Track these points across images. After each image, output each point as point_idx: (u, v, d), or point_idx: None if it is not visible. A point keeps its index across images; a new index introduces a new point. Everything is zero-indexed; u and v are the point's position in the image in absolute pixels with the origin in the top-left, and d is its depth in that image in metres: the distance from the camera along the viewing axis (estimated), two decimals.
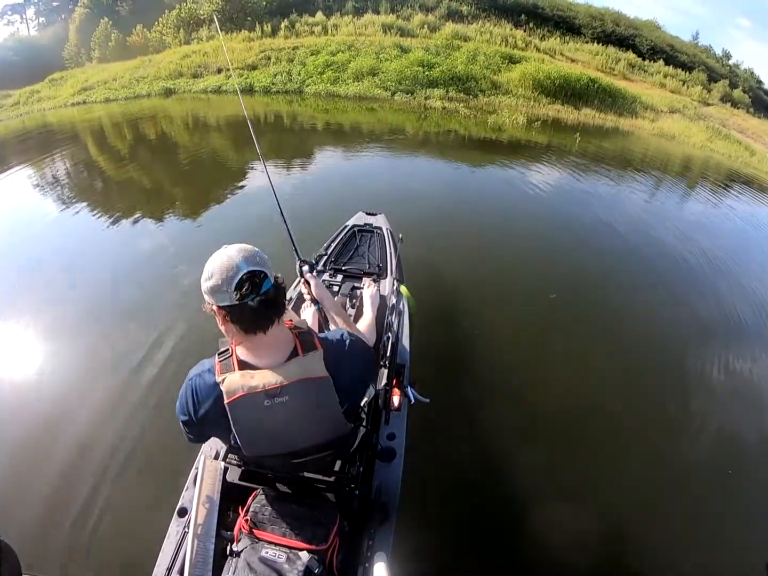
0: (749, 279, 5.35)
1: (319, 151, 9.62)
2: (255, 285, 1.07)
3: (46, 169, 8.84)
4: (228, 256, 1.08)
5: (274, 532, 1.24)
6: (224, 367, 1.16)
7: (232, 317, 1.09)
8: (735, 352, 3.90)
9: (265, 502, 1.31)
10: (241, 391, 1.12)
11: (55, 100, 20.12)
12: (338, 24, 21.26)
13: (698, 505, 2.63)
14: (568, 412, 3.11)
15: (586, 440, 2.94)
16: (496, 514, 2.42)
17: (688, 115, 18.96)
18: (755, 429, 3.18)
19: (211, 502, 1.42)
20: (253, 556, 1.17)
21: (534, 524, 2.36)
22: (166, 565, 1.43)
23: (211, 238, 5.19)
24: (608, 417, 3.15)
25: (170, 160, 9.38)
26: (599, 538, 2.33)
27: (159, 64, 20.08)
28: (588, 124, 15.11)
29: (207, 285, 1.08)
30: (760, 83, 30.04)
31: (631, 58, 23.42)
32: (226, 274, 1.05)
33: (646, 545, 2.37)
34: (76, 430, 2.73)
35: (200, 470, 1.47)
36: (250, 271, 1.06)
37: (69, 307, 3.98)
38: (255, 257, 1.10)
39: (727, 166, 13.18)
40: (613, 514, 2.50)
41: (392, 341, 2.21)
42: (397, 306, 2.60)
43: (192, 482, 1.60)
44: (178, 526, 1.53)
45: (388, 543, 1.49)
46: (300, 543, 1.21)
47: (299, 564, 1.15)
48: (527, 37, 22.44)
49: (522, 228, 5.99)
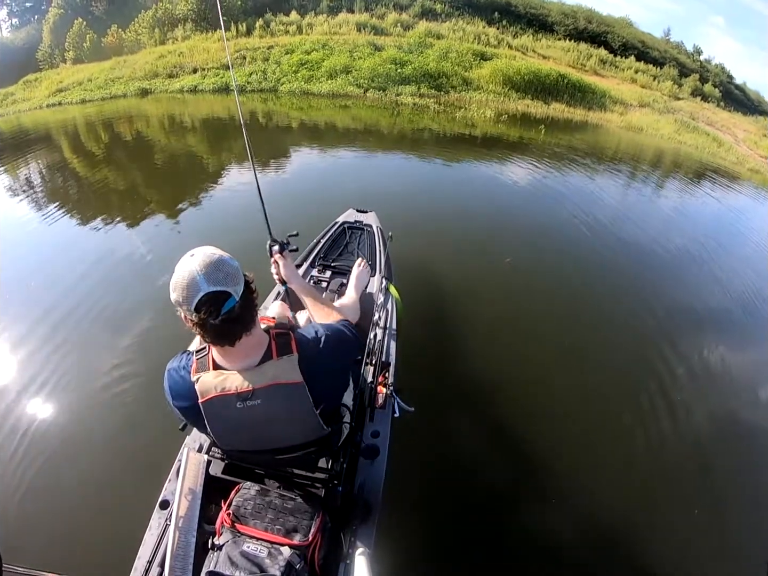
0: (720, 266, 5.56)
1: (294, 150, 9.65)
2: (215, 307, 1.03)
3: (20, 171, 8.67)
4: (189, 272, 1.03)
5: (256, 527, 1.23)
6: (200, 365, 1.17)
7: (197, 329, 1.09)
8: (721, 340, 4.03)
9: (247, 497, 1.31)
10: (213, 391, 1.13)
11: (30, 102, 19.89)
12: (313, 23, 21.41)
13: (696, 502, 2.64)
14: (553, 409, 3.12)
15: (571, 438, 2.93)
16: (478, 512, 2.44)
17: (657, 108, 19.46)
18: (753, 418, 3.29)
19: (193, 495, 1.40)
20: (235, 550, 1.17)
21: (516, 521, 2.41)
22: (147, 558, 1.42)
23: (193, 234, 5.27)
24: (597, 414, 3.16)
25: (147, 160, 9.24)
26: (582, 534, 2.35)
27: (134, 65, 20.00)
28: (557, 118, 15.56)
29: (172, 296, 1.06)
30: (731, 78, 30.79)
31: (602, 55, 23.96)
32: (186, 292, 1.02)
33: (639, 543, 2.36)
34: (56, 423, 2.75)
35: (183, 463, 1.45)
36: (210, 292, 1.02)
37: (42, 308, 3.86)
38: (218, 273, 1.04)
39: (694, 157, 13.63)
40: (598, 511, 2.51)
41: (378, 339, 2.21)
42: (384, 304, 2.58)
43: (175, 474, 1.59)
44: (160, 518, 1.52)
45: (370, 539, 1.48)
46: (282, 538, 1.21)
47: (281, 559, 1.15)
48: (500, 34, 22.84)
49: (504, 227, 6.04)
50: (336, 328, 1.31)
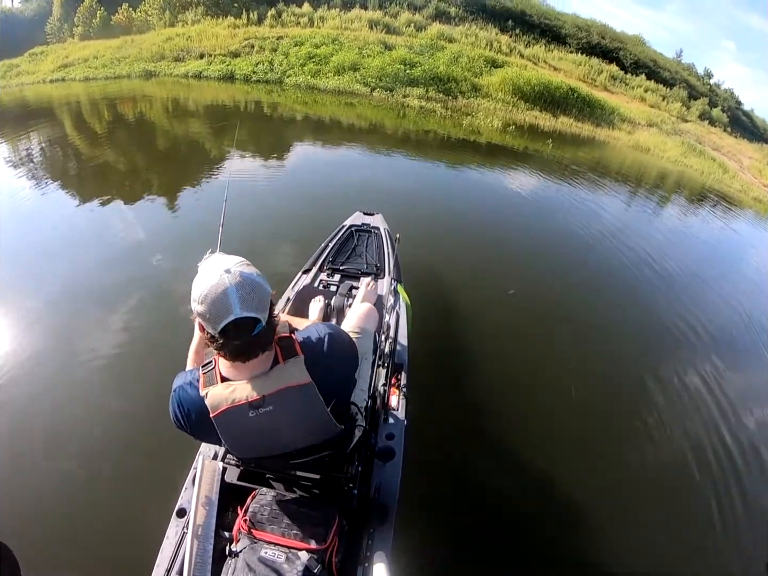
0: (716, 290, 5.57)
1: (298, 145, 9.63)
2: (244, 332, 1.03)
3: (20, 144, 8.68)
4: (224, 291, 1.00)
5: (273, 532, 1.23)
6: (208, 379, 1.15)
7: (211, 342, 1.07)
8: (718, 358, 4.04)
9: (263, 502, 1.31)
10: (225, 404, 1.11)
11: (34, 75, 19.70)
12: (325, 17, 21.20)
13: (696, 503, 2.70)
14: (571, 408, 3.16)
15: (591, 439, 3.00)
16: (496, 514, 2.43)
17: (665, 129, 19.36)
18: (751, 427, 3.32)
19: (209, 503, 1.42)
20: (253, 557, 1.17)
21: (535, 524, 2.39)
22: (165, 566, 1.41)
23: (187, 221, 5.38)
24: (619, 416, 3.24)
25: (148, 141, 9.27)
26: (601, 538, 2.38)
27: (141, 45, 19.76)
28: (564, 132, 15.35)
29: (196, 307, 1.03)
30: (739, 104, 30.81)
31: (613, 71, 23.80)
32: (216, 311, 1.00)
33: (651, 548, 2.38)
34: (70, 429, 2.67)
35: (199, 470, 1.47)
36: (241, 318, 1.01)
37: (41, 293, 3.82)
38: (253, 298, 1.02)
39: (699, 182, 13.52)
40: (620, 517, 2.54)
41: (390, 341, 2.20)
42: (394, 306, 2.58)
43: (191, 482, 1.59)
44: (177, 526, 1.51)
45: (387, 543, 1.47)
46: (299, 543, 1.21)
47: (298, 564, 1.15)
48: (512, 42, 22.67)
49: (495, 228, 6.15)
50: (335, 326, 1.31)
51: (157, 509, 1.72)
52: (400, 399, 2.00)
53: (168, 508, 1.57)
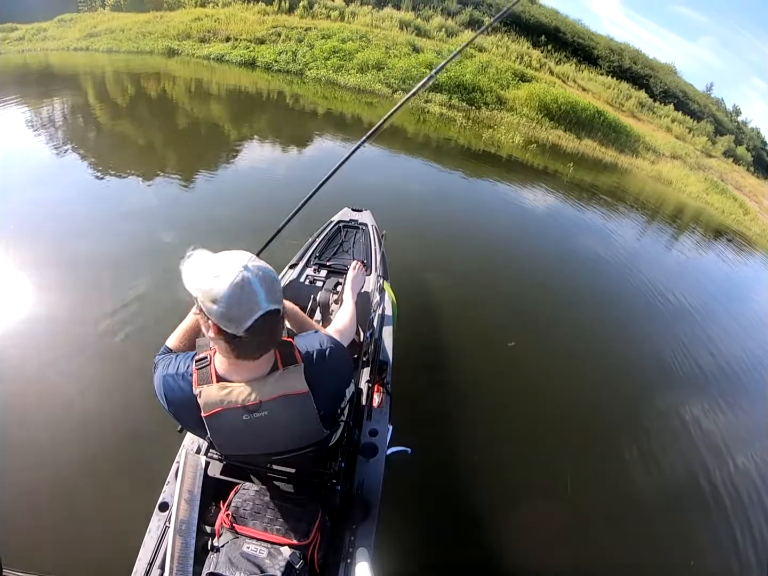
0: (721, 328, 5.52)
1: (315, 138, 9.69)
2: (274, 326, 1.03)
3: (42, 109, 8.84)
4: (250, 287, 0.96)
5: (256, 527, 1.23)
6: (202, 376, 1.11)
7: (227, 343, 1.02)
8: (717, 390, 4.13)
9: (246, 497, 1.30)
10: (219, 405, 1.08)
11: (60, 41, 19.59)
12: (356, 12, 20.91)
13: (696, 504, 2.83)
14: (549, 419, 3.22)
15: (570, 444, 3.07)
16: (478, 511, 2.47)
17: (689, 163, 19.03)
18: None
19: (192, 497, 1.41)
20: (235, 551, 1.16)
21: (516, 520, 2.43)
22: (147, 560, 1.42)
23: (198, 203, 5.56)
24: (596, 419, 3.37)
25: (168, 121, 9.44)
26: (580, 536, 2.46)
27: (169, 22, 19.57)
28: (587, 155, 15.00)
29: (213, 307, 0.96)
30: (764, 144, 30.40)
31: (642, 97, 23.47)
32: (240, 309, 0.96)
33: (640, 545, 2.48)
34: (52, 417, 2.63)
35: (181, 464, 1.45)
36: (269, 311, 0.98)
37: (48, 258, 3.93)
38: (274, 289, 1.01)
39: (718, 220, 13.21)
40: (595, 516, 2.63)
41: (375, 338, 2.19)
42: (380, 303, 2.59)
43: (173, 476, 1.60)
44: (159, 520, 1.52)
45: (370, 538, 1.49)
46: (281, 538, 1.20)
47: (280, 559, 1.14)
48: (543, 58, 22.30)
49: (506, 243, 6.21)
50: (335, 340, 1.27)
51: (139, 503, 1.72)
52: (384, 396, 2.02)
53: (150, 502, 1.57)
